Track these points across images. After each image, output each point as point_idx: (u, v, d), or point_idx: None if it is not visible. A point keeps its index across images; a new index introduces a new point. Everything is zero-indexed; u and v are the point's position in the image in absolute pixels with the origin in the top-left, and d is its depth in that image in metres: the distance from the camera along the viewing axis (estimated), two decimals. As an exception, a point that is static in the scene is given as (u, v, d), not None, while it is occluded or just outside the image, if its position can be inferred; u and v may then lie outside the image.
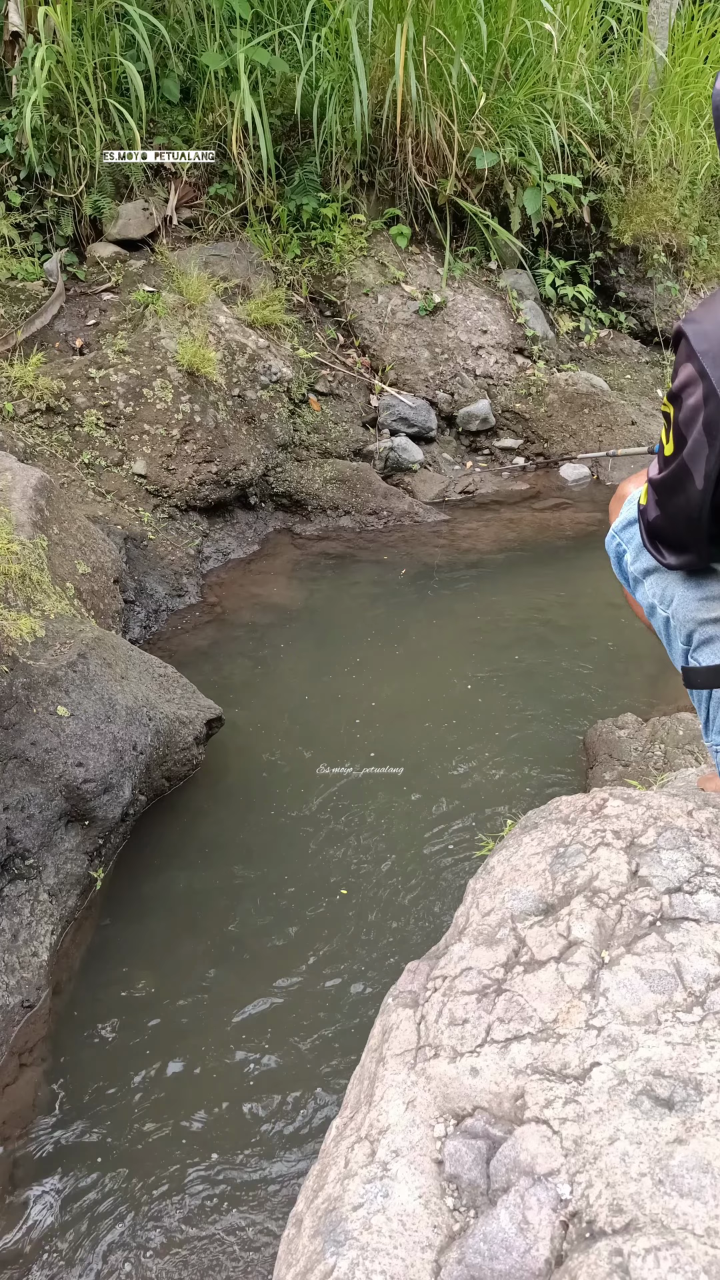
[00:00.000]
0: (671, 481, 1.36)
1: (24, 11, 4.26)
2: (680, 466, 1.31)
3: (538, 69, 5.24)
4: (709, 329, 1.21)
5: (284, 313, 4.85)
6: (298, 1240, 1.09)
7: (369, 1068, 1.32)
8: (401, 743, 3.12)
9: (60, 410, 4.04)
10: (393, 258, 5.29)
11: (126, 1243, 1.84)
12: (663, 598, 1.63)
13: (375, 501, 4.63)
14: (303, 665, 3.57)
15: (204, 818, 2.84)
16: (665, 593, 1.62)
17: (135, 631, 3.67)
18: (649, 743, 2.84)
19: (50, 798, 2.41)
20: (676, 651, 1.64)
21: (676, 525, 1.44)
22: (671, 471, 1.35)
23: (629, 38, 5.97)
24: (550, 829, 1.60)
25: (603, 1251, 0.91)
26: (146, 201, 4.78)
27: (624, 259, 5.96)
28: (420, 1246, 0.99)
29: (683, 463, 1.30)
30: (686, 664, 1.62)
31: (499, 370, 5.32)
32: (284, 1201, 1.90)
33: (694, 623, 1.57)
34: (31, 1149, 2.00)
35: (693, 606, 1.57)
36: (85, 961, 2.41)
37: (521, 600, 4.02)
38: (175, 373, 4.25)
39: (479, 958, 1.33)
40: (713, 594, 1.55)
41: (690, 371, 1.23)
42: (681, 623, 1.59)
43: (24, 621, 2.54)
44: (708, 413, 1.22)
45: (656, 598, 1.64)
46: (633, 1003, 1.17)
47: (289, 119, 4.96)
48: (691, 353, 1.22)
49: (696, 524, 1.37)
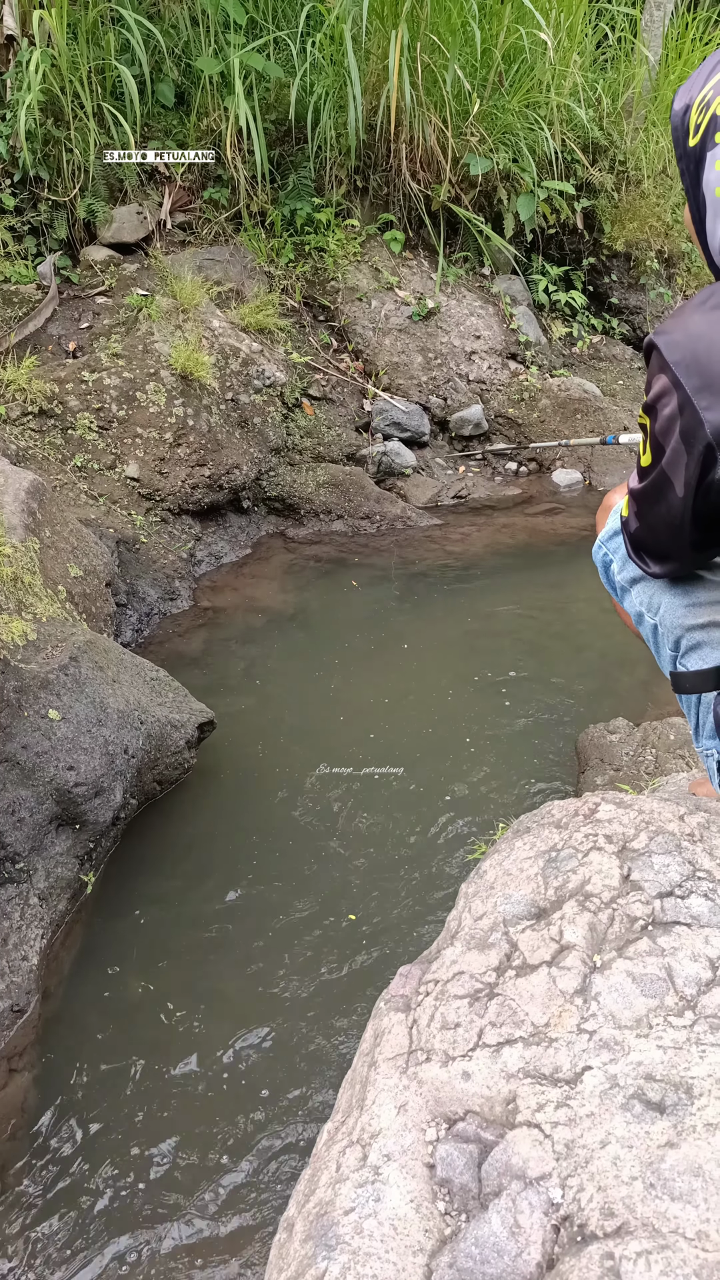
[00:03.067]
0: (652, 491, 1.37)
1: (19, 15, 4.26)
2: (660, 476, 1.33)
3: (531, 75, 5.26)
4: (680, 339, 1.22)
5: (277, 317, 4.86)
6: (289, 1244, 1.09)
7: (361, 1072, 1.32)
8: (393, 747, 3.12)
9: (53, 413, 4.04)
10: (386, 263, 5.30)
11: (117, 1248, 1.83)
12: (650, 605, 1.64)
13: (368, 506, 4.63)
14: (294, 669, 3.57)
15: (195, 821, 2.84)
16: (652, 600, 1.63)
17: (127, 635, 3.66)
18: (640, 747, 2.85)
19: (41, 801, 2.41)
20: (665, 658, 1.66)
21: (658, 534, 1.45)
22: (651, 481, 1.36)
23: (622, 45, 6.00)
24: (542, 833, 1.60)
25: (594, 1255, 0.91)
26: (140, 205, 4.78)
27: (617, 265, 5.98)
28: (412, 1250, 0.98)
29: (662, 472, 1.32)
30: (675, 670, 1.63)
31: (492, 375, 5.34)
32: (276, 1205, 1.89)
33: (681, 629, 1.58)
34: (21, 1154, 1.99)
35: (679, 613, 1.58)
36: (76, 966, 2.40)
37: (513, 605, 4.02)
38: (168, 376, 4.24)
39: (471, 962, 1.33)
40: (699, 600, 1.56)
41: (664, 382, 1.24)
42: (669, 629, 1.60)
43: (15, 624, 2.53)
44: (684, 422, 1.23)
45: (644, 605, 1.66)
46: (624, 1007, 1.17)
47: (283, 124, 4.97)
48: (664, 364, 1.23)
49: (679, 532, 1.38)
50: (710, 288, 1.23)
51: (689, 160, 1.27)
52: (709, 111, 1.22)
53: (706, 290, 1.23)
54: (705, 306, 1.21)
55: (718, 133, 1.21)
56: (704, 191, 1.25)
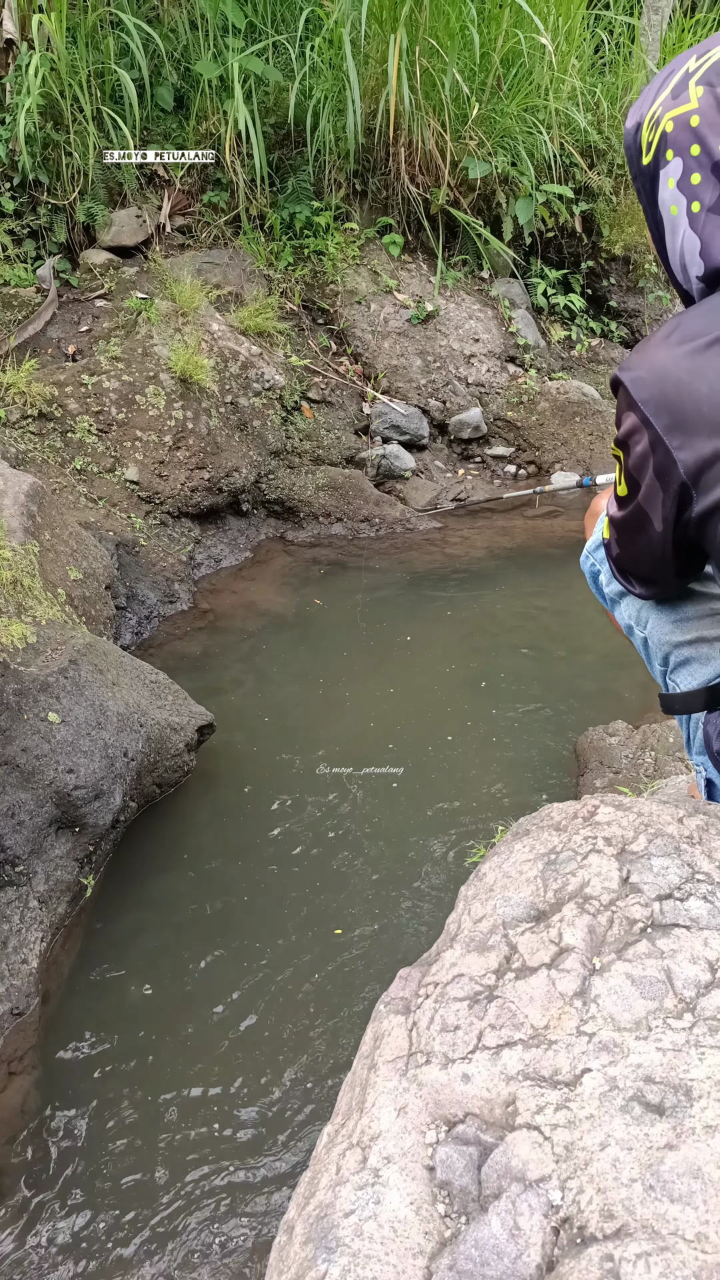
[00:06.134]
0: (631, 522, 1.35)
1: (18, 19, 4.27)
2: (637, 510, 1.31)
3: (530, 80, 5.27)
4: (645, 375, 1.19)
5: (277, 320, 4.86)
6: (289, 1247, 1.09)
7: (360, 1074, 1.32)
8: (392, 748, 3.12)
9: (53, 416, 4.04)
10: (385, 266, 5.31)
11: (118, 1250, 1.83)
12: (638, 619, 1.62)
13: (367, 509, 4.64)
14: (294, 672, 3.57)
15: (195, 824, 2.84)
16: (640, 614, 1.61)
17: (127, 638, 3.66)
18: (639, 750, 2.85)
19: (40, 804, 2.41)
20: (656, 672, 1.64)
21: (639, 563, 1.44)
22: (630, 513, 1.34)
23: (620, 50, 6.01)
24: (542, 836, 1.60)
25: (594, 1257, 0.91)
26: (140, 209, 4.79)
27: (615, 268, 5.99)
28: (412, 1253, 0.98)
29: (639, 506, 1.30)
30: (664, 688, 1.62)
31: (491, 379, 5.34)
32: (276, 1208, 1.89)
33: (669, 645, 1.56)
34: (20, 1157, 1.99)
35: (667, 629, 1.56)
36: (75, 969, 2.40)
37: (513, 607, 4.03)
38: (168, 379, 4.25)
39: (471, 964, 1.33)
40: (686, 616, 1.54)
41: (634, 421, 1.21)
42: (658, 645, 1.59)
43: (15, 627, 2.54)
44: (656, 460, 1.20)
45: (632, 619, 1.64)
46: (624, 1009, 1.18)
47: (282, 128, 4.98)
48: (631, 402, 1.20)
49: (662, 562, 1.36)
50: (674, 319, 1.19)
51: (644, 179, 1.25)
52: (659, 129, 1.19)
53: (672, 322, 1.19)
54: (670, 341, 1.17)
55: (669, 150, 1.18)
56: (660, 210, 1.23)
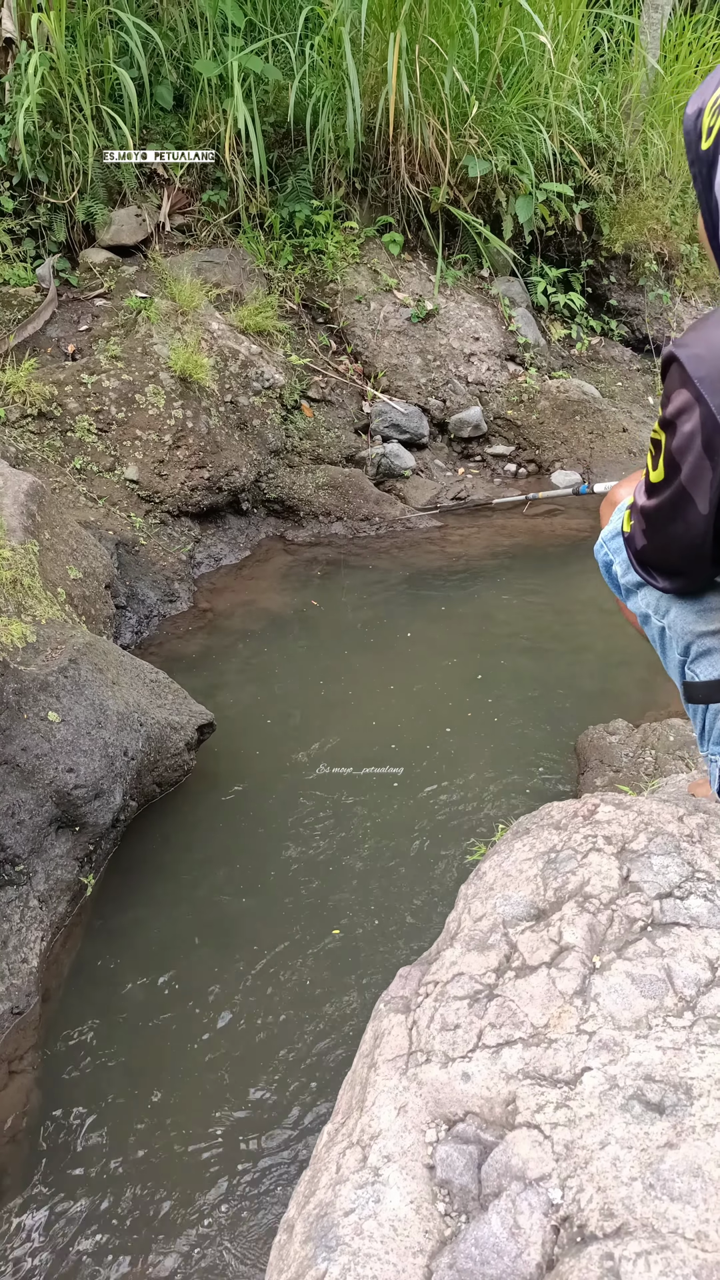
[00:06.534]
0: (667, 508, 1.34)
1: (17, 18, 4.26)
2: (678, 492, 1.30)
3: (530, 78, 5.27)
4: (703, 353, 1.20)
5: (276, 319, 4.86)
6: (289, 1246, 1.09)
7: (361, 1073, 1.32)
8: (392, 747, 3.12)
9: (52, 416, 4.04)
10: (385, 265, 5.31)
11: (118, 1249, 1.83)
12: (657, 608, 1.60)
13: (367, 508, 4.64)
14: (294, 671, 3.57)
15: (195, 823, 2.84)
16: (660, 603, 1.60)
17: (127, 637, 3.66)
18: (640, 748, 2.85)
19: (41, 803, 2.41)
20: (672, 662, 1.62)
21: (670, 553, 1.42)
22: (667, 498, 1.33)
23: (621, 47, 6.00)
24: (542, 834, 1.60)
25: (594, 1256, 0.91)
26: (139, 208, 4.79)
27: (615, 267, 5.98)
28: (412, 1252, 0.98)
29: (681, 488, 1.29)
30: (684, 677, 1.61)
31: (491, 377, 5.34)
32: (276, 1207, 1.89)
33: (692, 634, 1.55)
34: (21, 1157, 1.99)
35: (690, 618, 1.54)
36: (75, 968, 2.40)
37: (513, 606, 4.03)
38: (167, 379, 4.25)
39: (471, 963, 1.33)
40: (710, 605, 1.52)
41: (686, 397, 1.22)
42: (679, 634, 1.57)
43: (15, 627, 2.54)
44: (705, 435, 1.21)
45: (650, 608, 1.62)
46: (624, 1008, 1.18)
47: (282, 126, 4.98)
48: (686, 378, 1.21)
49: (697, 548, 1.34)
50: None
51: (701, 164, 1.25)
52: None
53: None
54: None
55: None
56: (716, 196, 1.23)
